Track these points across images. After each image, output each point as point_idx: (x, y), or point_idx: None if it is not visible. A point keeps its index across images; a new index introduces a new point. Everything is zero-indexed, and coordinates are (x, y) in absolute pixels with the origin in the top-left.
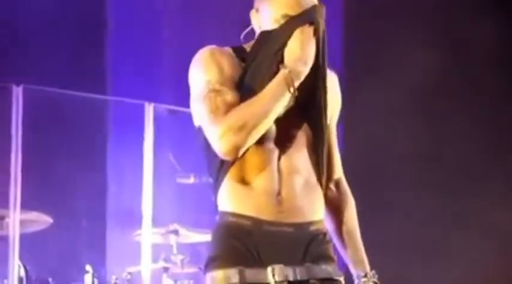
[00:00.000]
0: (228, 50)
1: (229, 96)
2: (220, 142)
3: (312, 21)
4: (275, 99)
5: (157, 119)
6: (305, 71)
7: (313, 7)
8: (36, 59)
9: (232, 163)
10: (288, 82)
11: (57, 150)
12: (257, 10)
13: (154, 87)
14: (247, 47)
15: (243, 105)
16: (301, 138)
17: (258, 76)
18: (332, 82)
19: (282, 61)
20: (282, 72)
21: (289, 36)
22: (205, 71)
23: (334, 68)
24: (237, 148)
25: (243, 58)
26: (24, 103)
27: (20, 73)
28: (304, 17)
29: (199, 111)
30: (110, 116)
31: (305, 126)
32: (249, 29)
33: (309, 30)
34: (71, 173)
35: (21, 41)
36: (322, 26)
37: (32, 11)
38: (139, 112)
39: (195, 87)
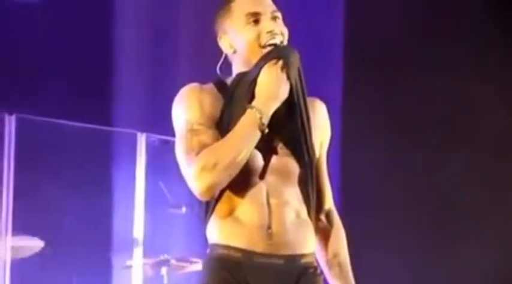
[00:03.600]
0: (210, 86)
1: (206, 136)
2: (195, 183)
3: (280, 57)
4: (244, 138)
5: (150, 149)
6: (271, 107)
7: (283, 46)
8: (30, 89)
9: (221, 197)
10: (255, 120)
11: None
12: (223, 32)
13: (148, 117)
14: (228, 79)
15: (215, 145)
16: (289, 172)
17: (234, 114)
18: (318, 111)
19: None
20: (249, 111)
21: (258, 74)
22: (185, 110)
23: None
24: (211, 188)
25: (224, 93)
26: (16, 132)
27: (12, 103)
28: (273, 54)
29: (177, 151)
30: (105, 145)
31: (292, 161)
32: (222, 59)
33: (276, 66)
34: (63, 200)
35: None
36: (295, 62)
37: (27, 39)
38: (132, 142)
39: (176, 126)
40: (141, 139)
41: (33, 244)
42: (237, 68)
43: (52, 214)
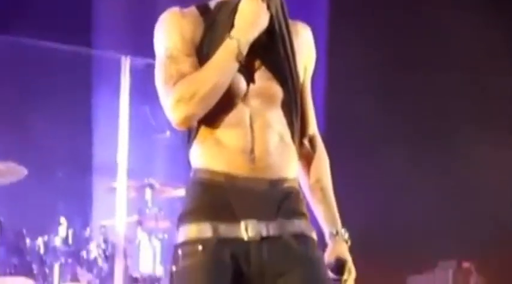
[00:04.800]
0: (192, 9)
1: (185, 64)
2: (172, 113)
3: None
4: (222, 69)
5: (134, 73)
6: (249, 36)
7: None
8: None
9: (204, 121)
10: (233, 51)
11: (34, 101)
12: None
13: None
14: (212, 3)
15: (192, 75)
16: (273, 96)
17: (214, 42)
18: (302, 35)
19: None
20: (227, 41)
21: (239, 2)
22: (165, 37)
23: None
24: (188, 119)
25: (206, 17)
26: (2, 55)
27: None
28: None
29: (156, 78)
30: (88, 69)
31: (275, 85)
32: None
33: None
34: (48, 125)
35: None
36: None
37: None
38: (117, 66)
39: (156, 52)
40: (125, 63)
41: (17, 169)
42: None
43: (35, 138)
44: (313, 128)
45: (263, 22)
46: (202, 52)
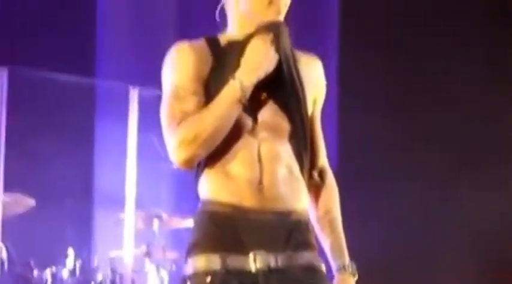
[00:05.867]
0: (201, 42)
1: (190, 104)
2: (174, 155)
3: (271, 30)
4: (224, 111)
5: (143, 103)
6: (254, 78)
7: (277, 21)
8: (23, 40)
9: (212, 153)
10: (236, 93)
11: (42, 131)
12: None
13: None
14: (222, 37)
15: (195, 116)
16: (282, 128)
17: (220, 82)
18: (313, 68)
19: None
20: (231, 83)
21: (247, 43)
22: (172, 73)
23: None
24: (190, 161)
25: (215, 53)
26: (9, 84)
27: (6, 55)
28: (265, 27)
29: (161, 114)
30: (96, 99)
31: (284, 117)
32: (221, 4)
33: (265, 38)
34: (56, 154)
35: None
36: (285, 37)
37: None
38: (125, 96)
39: (163, 88)
40: (134, 93)
41: (24, 201)
42: (234, 20)
43: (44, 169)
44: (322, 160)
45: (269, 65)
46: (209, 90)
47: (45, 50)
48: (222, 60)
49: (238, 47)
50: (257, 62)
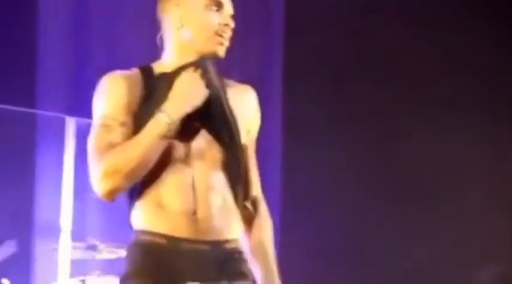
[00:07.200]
0: (135, 72)
1: (117, 135)
2: (96, 186)
3: (200, 66)
4: (148, 145)
5: (79, 132)
6: (181, 112)
7: (202, 59)
8: None
9: (146, 183)
10: (162, 128)
11: None
12: (175, 5)
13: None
14: (157, 66)
15: (118, 148)
16: (214, 159)
17: (148, 115)
18: (247, 99)
19: None
20: (157, 116)
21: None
22: (102, 103)
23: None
24: (112, 192)
25: (147, 85)
26: None
27: None
28: (194, 63)
29: (88, 143)
30: (33, 129)
31: (217, 147)
32: (160, 33)
33: (193, 73)
34: None
35: None
36: (212, 70)
37: None
38: (61, 126)
39: (93, 117)
40: (70, 123)
41: None
42: (174, 48)
43: None
44: (256, 190)
45: (197, 100)
46: (138, 122)
47: None
48: (153, 92)
49: (168, 79)
50: (185, 96)
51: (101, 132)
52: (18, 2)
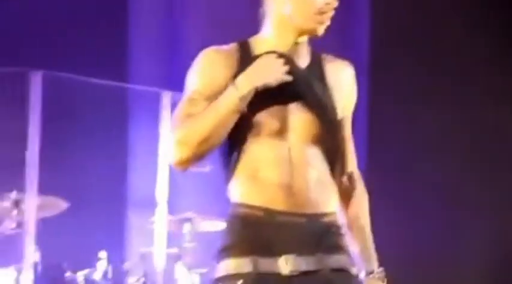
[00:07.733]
0: (233, 47)
1: (198, 107)
2: (170, 155)
3: (282, 55)
4: (219, 116)
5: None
6: (250, 89)
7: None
8: (56, 46)
9: (243, 156)
10: (233, 101)
11: (75, 136)
12: None
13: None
14: (254, 41)
15: (191, 119)
16: (311, 133)
17: None
18: (344, 74)
19: None
20: (229, 89)
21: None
22: (193, 78)
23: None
24: (182, 162)
25: (242, 60)
26: (43, 89)
27: (39, 59)
28: (276, 52)
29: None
30: (128, 103)
31: (311, 123)
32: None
33: (276, 57)
34: (88, 159)
35: (40, 27)
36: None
37: None
38: (157, 100)
39: (185, 90)
40: (166, 98)
41: (57, 203)
42: (273, 22)
43: (76, 173)
44: (352, 166)
45: (271, 79)
46: None
47: (78, 55)
48: (244, 70)
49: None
50: (258, 72)
51: (186, 104)
52: None
